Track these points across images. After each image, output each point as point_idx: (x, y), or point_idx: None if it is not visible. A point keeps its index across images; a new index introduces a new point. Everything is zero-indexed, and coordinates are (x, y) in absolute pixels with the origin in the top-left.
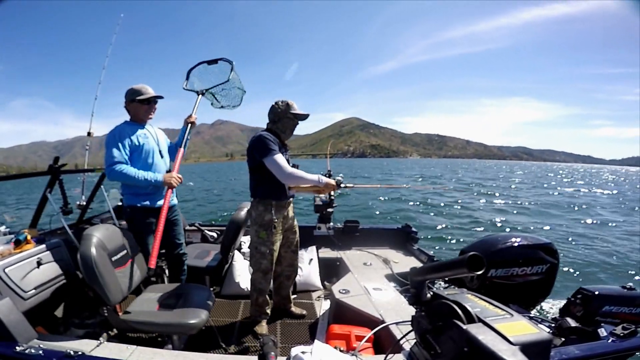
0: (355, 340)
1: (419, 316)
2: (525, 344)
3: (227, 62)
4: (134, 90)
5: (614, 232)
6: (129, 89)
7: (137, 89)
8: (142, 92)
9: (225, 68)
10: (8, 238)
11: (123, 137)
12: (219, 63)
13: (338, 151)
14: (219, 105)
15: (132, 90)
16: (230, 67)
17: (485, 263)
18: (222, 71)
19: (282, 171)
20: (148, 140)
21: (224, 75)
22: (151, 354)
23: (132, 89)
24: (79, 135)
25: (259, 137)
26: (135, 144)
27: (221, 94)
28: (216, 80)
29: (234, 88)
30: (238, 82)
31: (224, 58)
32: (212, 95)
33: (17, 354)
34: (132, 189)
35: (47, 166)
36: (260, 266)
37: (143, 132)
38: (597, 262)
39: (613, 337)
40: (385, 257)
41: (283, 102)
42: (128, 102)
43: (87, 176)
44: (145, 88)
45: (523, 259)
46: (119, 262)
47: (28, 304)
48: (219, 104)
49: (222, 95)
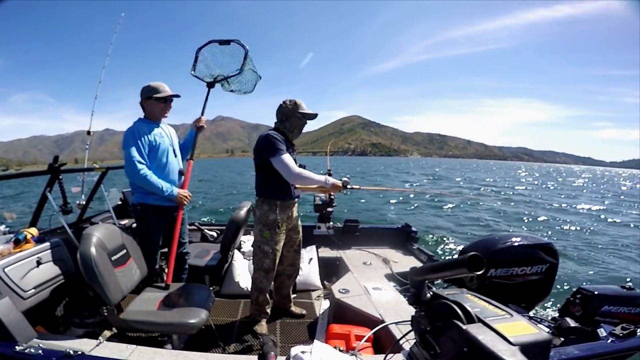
0: (355, 340)
1: (418, 316)
2: (524, 344)
3: (241, 47)
4: (150, 87)
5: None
6: (145, 86)
7: (155, 87)
8: (159, 90)
9: (237, 52)
10: (8, 237)
11: (141, 135)
12: (231, 45)
13: (339, 149)
14: (229, 89)
15: (149, 88)
16: (244, 53)
17: (485, 263)
18: (233, 56)
19: (289, 171)
20: (163, 139)
21: (236, 61)
22: (151, 353)
23: (149, 86)
24: (79, 129)
25: (267, 137)
26: (152, 143)
27: (233, 80)
28: (227, 67)
29: (249, 70)
30: (252, 66)
31: (238, 41)
32: (224, 80)
33: (16, 353)
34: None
35: (47, 164)
36: (263, 265)
37: (159, 130)
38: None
39: (612, 337)
40: (385, 257)
41: (291, 101)
42: (144, 100)
43: (86, 175)
44: (162, 86)
45: (523, 258)
46: (118, 262)
47: (28, 303)
48: (229, 88)
49: (234, 80)
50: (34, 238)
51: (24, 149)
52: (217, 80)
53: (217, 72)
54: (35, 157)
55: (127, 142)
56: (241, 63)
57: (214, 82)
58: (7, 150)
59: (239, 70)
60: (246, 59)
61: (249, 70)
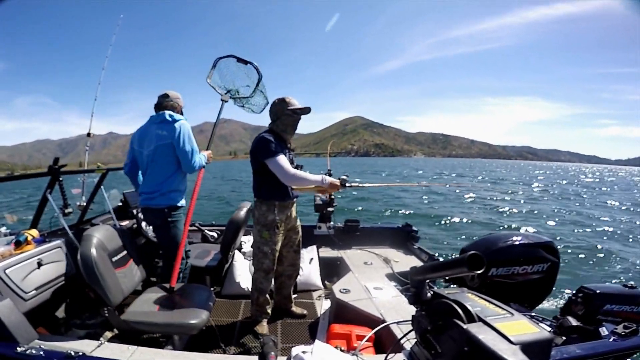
0: (356, 339)
1: (419, 315)
2: (525, 343)
3: (256, 72)
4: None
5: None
6: (173, 93)
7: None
8: (180, 99)
9: (252, 75)
10: (8, 239)
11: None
12: (247, 65)
13: (342, 150)
14: (240, 104)
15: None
16: (257, 78)
17: (485, 262)
18: (248, 77)
19: (284, 173)
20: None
21: (249, 82)
22: (152, 354)
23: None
24: (83, 133)
25: (260, 139)
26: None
27: (244, 100)
28: (240, 83)
29: (259, 94)
30: (264, 90)
31: (255, 64)
32: (236, 96)
33: (18, 354)
34: (174, 185)
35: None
36: (262, 266)
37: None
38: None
39: (614, 336)
40: (385, 257)
41: (279, 99)
42: (167, 102)
43: (87, 177)
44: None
45: (524, 257)
46: (119, 263)
47: (29, 304)
48: (240, 103)
49: (245, 100)
50: (35, 239)
51: (28, 153)
52: (231, 96)
53: (230, 86)
54: (40, 160)
55: (191, 138)
56: (254, 85)
57: (229, 97)
58: (12, 155)
59: (251, 92)
60: (259, 84)
61: (260, 93)
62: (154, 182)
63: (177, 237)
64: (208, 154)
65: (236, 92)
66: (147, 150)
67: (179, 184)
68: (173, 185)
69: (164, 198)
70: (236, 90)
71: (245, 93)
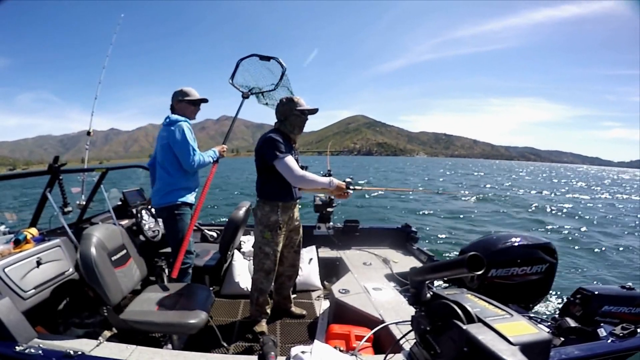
0: (355, 340)
1: (418, 316)
2: (525, 344)
3: (280, 65)
4: (184, 91)
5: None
6: (179, 90)
7: (187, 91)
8: (191, 94)
9: (275, 69)
10: (8, 238)
11: (191, 131)
12: (270, 61)
13: (344, 149)
14: (264, 102)
15: (183, 92)
16: (281, 71)
17: (485, 263)
18: (271, 72)
19: (293, 174)
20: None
21: (272, 77)
22: (151, 353)
23: (182, 90)
24: (84, 129)
25: (268, 139)
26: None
27: (267, 94)
28: (263, 80)
29: (283, 88)
30: (288, 84)
31: (278, 59)
32: (259, 93)
33: (17, 353)
34: (178, 184)
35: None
36: (263, 266)
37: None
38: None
39: (613, 337)
40: (385, 257)
41: (287, 98)
42: (177, 102)
43: (87, 175)
44: (193, 91)
45: (522, 258)
46: (118, 262)
47: (28, 303)
48: (264, 101)
49: (268, 95)
50: (34, 238)
51: (30, 149)
52: (252, 92)
53: (252, 84)
54: (41, 156)
55: (187, 138)
56: (278, 79)
57: (250, 93)
58: (14, 150)
59: (274, 85)
60: (282, 77)
61: (284, 87)
62: (160, 181)
63: (182, 231)
64: (220, 149)
65: (259, 89)
66: (155, 151)
67: (185, 182)
68: (177, 183)
69: (168, 196)
70: (259, 88)
71: (269, 89)
